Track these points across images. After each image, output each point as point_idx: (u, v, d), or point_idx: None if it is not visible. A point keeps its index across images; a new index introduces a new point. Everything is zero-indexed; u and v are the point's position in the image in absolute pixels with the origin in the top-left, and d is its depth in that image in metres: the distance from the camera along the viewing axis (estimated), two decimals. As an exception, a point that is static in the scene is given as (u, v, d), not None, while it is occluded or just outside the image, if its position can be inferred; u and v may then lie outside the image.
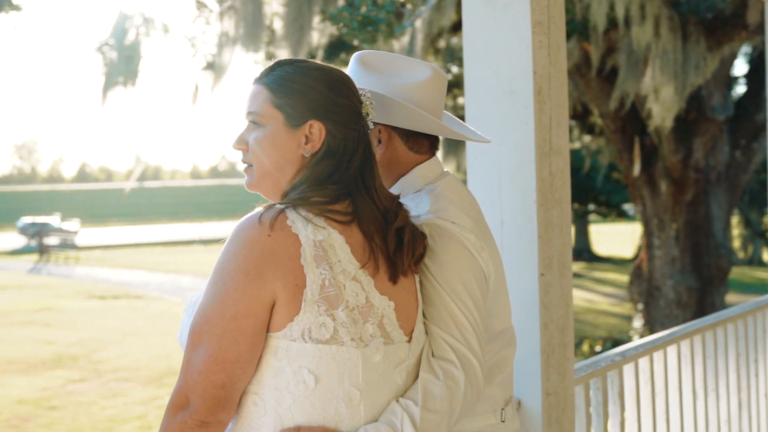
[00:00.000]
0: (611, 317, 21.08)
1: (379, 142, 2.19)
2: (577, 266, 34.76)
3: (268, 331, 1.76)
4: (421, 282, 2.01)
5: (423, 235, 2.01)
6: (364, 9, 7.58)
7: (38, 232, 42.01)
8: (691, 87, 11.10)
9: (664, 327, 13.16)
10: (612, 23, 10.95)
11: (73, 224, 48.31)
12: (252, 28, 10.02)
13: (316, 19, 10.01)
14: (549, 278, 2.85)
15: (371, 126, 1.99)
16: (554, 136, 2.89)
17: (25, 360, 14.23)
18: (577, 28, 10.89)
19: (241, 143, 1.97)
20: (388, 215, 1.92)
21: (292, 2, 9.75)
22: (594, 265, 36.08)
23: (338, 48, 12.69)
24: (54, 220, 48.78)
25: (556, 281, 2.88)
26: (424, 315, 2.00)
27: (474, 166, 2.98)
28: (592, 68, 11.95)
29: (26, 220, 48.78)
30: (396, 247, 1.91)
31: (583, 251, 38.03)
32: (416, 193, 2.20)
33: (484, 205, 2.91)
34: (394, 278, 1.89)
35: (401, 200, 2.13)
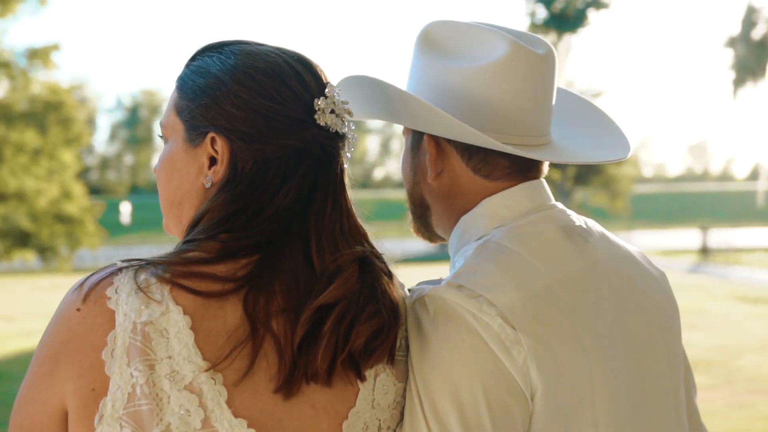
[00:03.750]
0: None
1: (435, 160, 1.52)
2: None
3: None
4: (407, 388, 1.36)
5: (376, 318, 1.30)
6: None
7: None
8: None
9: None
10: None
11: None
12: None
13: None
14: None
15: (351, 141, 1.40)
16: None
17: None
18: None
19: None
20: (320, 284, 1.29)
21: None
22: None
23: None
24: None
25: None
26: None
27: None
28: None
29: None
30: (306, 336, 1.26)
31: None
32: (477, 242, 1.47)
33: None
34: (288, 387, 1.25)
35: (465, 251, 1.50)
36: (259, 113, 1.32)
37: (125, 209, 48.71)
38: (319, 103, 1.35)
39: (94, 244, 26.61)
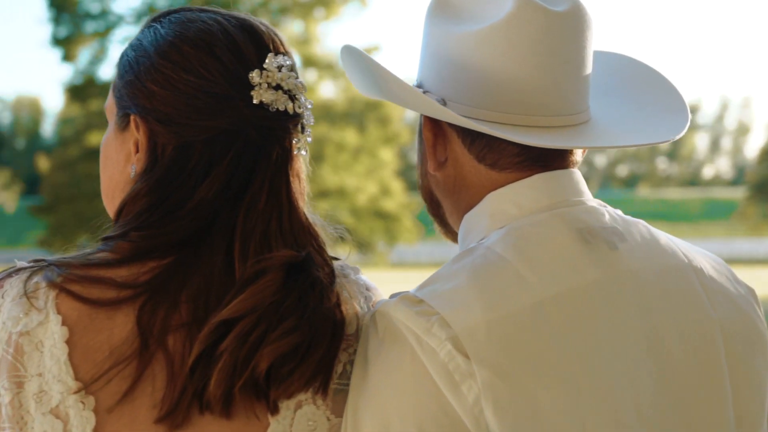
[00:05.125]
0: None
1: (433, 146, 1.29)
2: None
3: None
4: None
5: (291, 337, 1.11)
6: None
7: None
8: None
9: None
10: None
11: None
12: None
13: None
14: None
15: (307, 122, 1.24)
16: None
17: None
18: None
19: None
20: (231, 294, 1.13)
21: None
22: None
23: None
24: None
25: None
26: None
27: None
28: None
29: None
30: (202, 357, 1.09)
31: None
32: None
33: None
34: (173, 417, 1.09)
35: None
36: (179, 90, 1.17)
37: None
38: (254, 76, 1.18)
39: (410, 240, 27.43)
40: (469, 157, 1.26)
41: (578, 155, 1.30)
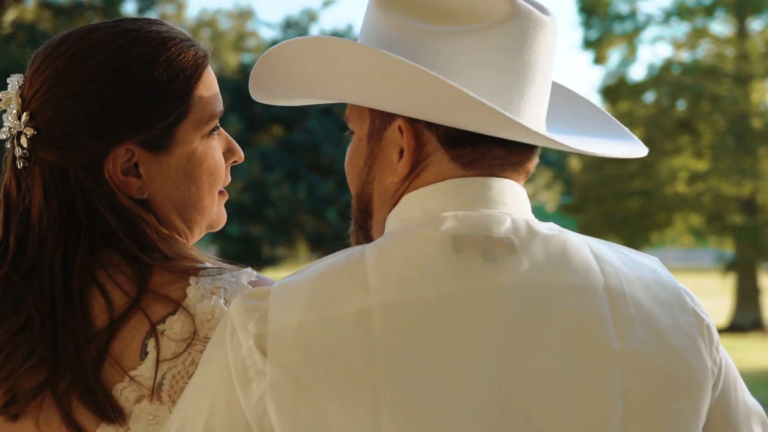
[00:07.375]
0: None
1: (401, 153, 1.14)
2: None
3: None
4: None
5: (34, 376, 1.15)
6: None
7: None
8: None
9: None
10: None
11: None
12: None
13: None
14: None
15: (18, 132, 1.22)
16: None
17: None
18: None
19: None
20: None
21: None
22: None
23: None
24: None
25: None
26: None
27: None
28: None
29: None
30: None
31: None
32: None
33: None
34: None
35: None
36: None
37: None
38: None
39: None
40: (444, 157, 1.13)
41: (531, 168, 1.19)
